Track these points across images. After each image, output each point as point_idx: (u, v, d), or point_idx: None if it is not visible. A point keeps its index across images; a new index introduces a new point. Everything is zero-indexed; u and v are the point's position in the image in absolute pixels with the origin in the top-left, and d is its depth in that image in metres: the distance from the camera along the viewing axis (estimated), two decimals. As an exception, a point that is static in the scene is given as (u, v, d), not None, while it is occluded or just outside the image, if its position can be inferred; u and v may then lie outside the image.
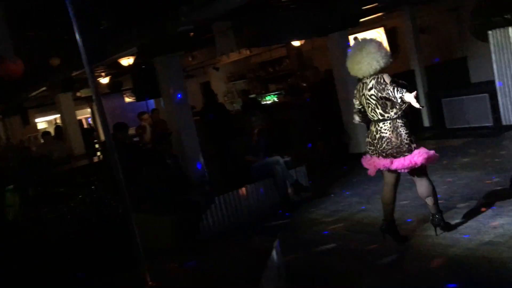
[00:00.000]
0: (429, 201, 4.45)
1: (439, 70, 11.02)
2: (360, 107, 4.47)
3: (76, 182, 7.25)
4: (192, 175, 6.81)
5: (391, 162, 4.24)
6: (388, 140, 4.21)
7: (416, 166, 4.22)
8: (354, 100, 4.52)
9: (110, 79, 13.37)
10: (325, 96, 9.57)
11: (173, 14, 6.37)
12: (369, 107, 4.31)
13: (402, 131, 4.20)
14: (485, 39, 9.30)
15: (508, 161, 6.56)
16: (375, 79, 4.19)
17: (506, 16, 9.02)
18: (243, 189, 6.29)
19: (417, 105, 3.81)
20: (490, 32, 8.85)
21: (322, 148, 9.81)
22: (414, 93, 3.82)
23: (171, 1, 6.30)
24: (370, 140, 4.35)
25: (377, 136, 4.27)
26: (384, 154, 4.26)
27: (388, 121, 4.22)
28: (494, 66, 8.81)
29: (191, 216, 5.69)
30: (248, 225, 6.10)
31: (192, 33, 7.41)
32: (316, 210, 6.22)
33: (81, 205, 5.83)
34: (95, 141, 13.99)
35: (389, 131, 4.20)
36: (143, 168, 6.38)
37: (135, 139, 9.93)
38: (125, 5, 6.27)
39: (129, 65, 9.35)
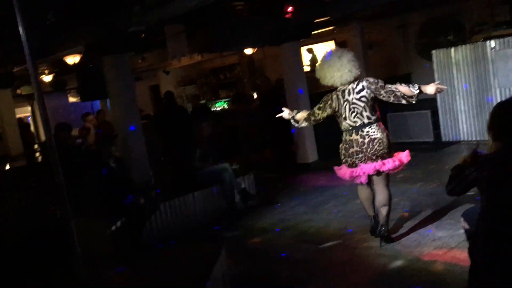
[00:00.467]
0: (384, 210, 4.55)
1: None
2: (320, 116, 4.58)
3: (12, 184, 6.86)
4: (137, 179, 6.62)
5: (383, 164, 4.38)
6: (380, 141, 4.35)
7: (401, 167, 4.52)
8: (317, 110, 4.61)
9: (54, 77, 12.83)
10: (275, 105, 9.62)
11: (125, 13, 6.20)
12: (353, 112, 4.38)
13: (386, 132, 4.46)
14: (429, 58, 9.71)
15: (447, 175, 6.82)
16: (364, 82, 4.39)
17: (448, 38, 9.48)
18: (189, 195, 6.19)
19: (443, 87, 4.55)
20: (433, 51, 9.23)
21: (271, 157, 9.85)
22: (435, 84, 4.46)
23: (123, 0, 6.13)
24: (358, 148, 4.39)
25: (366, 140, 4.36)
26: (374, 157, 4.36)
27: (375, 124, 4.39)
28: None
29: (134, 221, 5.51)
30: (194, 232, 6.00)
31: (143, 34, 7.25)
32: (262, 218, 6.20)
33: (16, 208, 5.51)
34: (35, 142, 13.37)
35: (379, 132, 4.37)
36: (85, 171, 6.13)
37: (78, 140, 9.56)
38: (74, 1, 6.04)
39: (75, 64, 9.02)
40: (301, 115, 4.76)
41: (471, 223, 2.96)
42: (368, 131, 4.36)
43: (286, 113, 4.82)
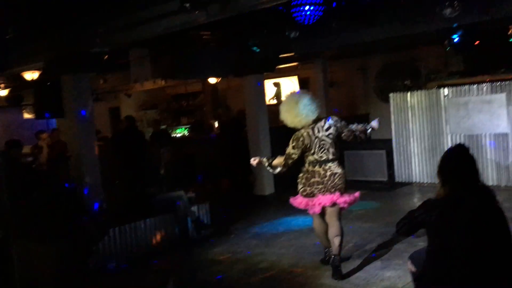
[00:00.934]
0: (337, 240, 4.73)
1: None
2: (296, 156, 4.71)
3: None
4: (88, 202, 6.43)
5: (338, 196, 4.69)
6: (340, 176, 4.73)
7: (354, 203, 4.89)
8: (292, 150, 4.72)
9: (10, 92, 12.45)
10: (235, 135, 9.67)
11: (89, 33, 6.14)
12: (322, 148, 4.69)
13: (344, 170, 4.88)
14: (387, 100, 10.04)
15: (398, 216, 6.97)
16: (331, 120, 4.78)
17: (405, 82, 9.87)
18: (141, 222, 6.05)
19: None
20: (391, 94, 9.57)
21: (228, 187, 9.80)
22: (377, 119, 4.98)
23: (88, 20, 6.07)
24: (319, 179, 4.67)
25: (328, 173, 4.68)
26: (333, 189, 4.68)
27: (336, 160, 4.76)
28: (393, 125, 9.49)
29: (81, 246, 5.32)
30: (143, 260, 5.83)
31: (106, 56, 7.18)
32: (214, 249, 6.12)
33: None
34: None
35: (340, 168, 4.77)
36: (34, 191, 5.92)
37: (29, 158, 9.24)
38: (37, 16, 5.94)
39: (33, 80, 8.80)
40: (278, 161, 4.86)
41: (418, 266, 3.02)
42: (330, 166, 4.70)
43: (256, 161, 4.95)
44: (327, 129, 4.70)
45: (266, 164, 4.92)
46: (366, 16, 6.75)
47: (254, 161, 4.96)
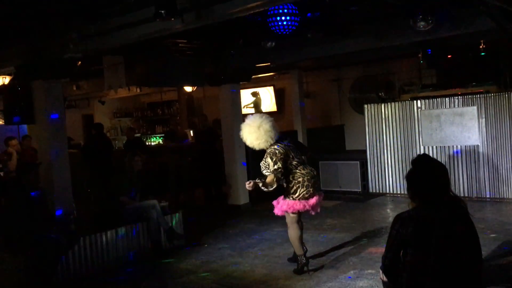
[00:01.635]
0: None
1: (319, 133, 11.74)
2: (282, 167, 4.92)
3: None
4: (57, 211, 6.27)
5: (318, 197, 5.16)
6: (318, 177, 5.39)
7: None
8: (276, 165, 4.89)
9: (-20, 97, 12.13)
10: (210, 144, 9.62)
11: (61, 39, 6.03)
12: (295, 152, 5.12)
13: None
14: (361, 111, 10.16)
15: (371, 227, 7.03)
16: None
17: (380, 94, 10.00)
18: (113, 231, 5.93)
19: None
20: (365, 105, 9.68)
21: (201, 197, 9.73)
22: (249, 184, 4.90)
23: (61, 25, 5.97)
24: (314, 178, 5.12)
25: (314, 173, 5.17)
26: (318, 188, 5.27)
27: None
28: (367, 137, 9.59)
29: (49, 256, 5.17)
30: (114, 270, 5.71)
31: (80, 62, 7.06)
32: (187, 259, 6.03)
33: None
34: None
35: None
36: (1, 199, 5.75)
37: (-2, 165, 9.00)
38: (8, 21, 5.80)
39: (3, 85, 8.59)
40: (269, 179, 4.94)
41: (389, 276, 3.01)
42: (309, 166, 5.18)
43: (251, 184, 4.94)
44: (288, 143, 5.14)
45: (261, 184, 4.94)
46: (340, 29, 6.83)
47: (249, 184, 4.94)
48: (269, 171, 4.92)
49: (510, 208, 7.61)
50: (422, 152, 8.87)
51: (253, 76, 10.12)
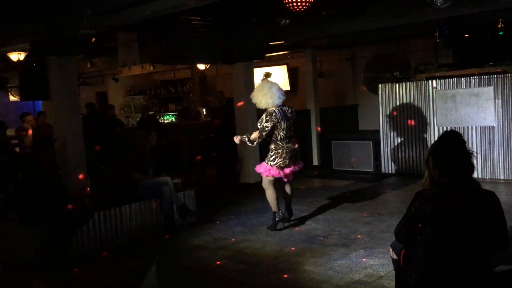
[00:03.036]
0: (290, 198, 6.28)
1: (332, 113, 11.66)
2: (268, 130, 5.75)
3: None
4: (73, 187, 6.37)
5: (295, 166, 6.01)
6: (298, 150, 6.02)
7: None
8: (267, 124, 5.74)
9: (-5, 73, 12.26)
10: (224, 123, 9.61)
11: (75, 15, 6.03)
12: (288, 126, 5.84)
13: None
14: (375, 91, 10.06)
15: (383, 206, 7.04)
16: (291, 109, 5.98)
17: (394, 73, 9.87)
18: (126, 207, 6.02)
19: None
20: (380, 85, 9.59)
21: (214, 175, 9.78)
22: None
23: (75, 1, 5.97)
24: (292, 152, 5.88)
25: (294, 147, 5.90)
26: (297, 160, 6.04)
27: (295, 137, 6.00)
28: (380, 116, 9.52)
29: (65, 231, 5.27)
30: (128, 245, 5.81)
31: (94, 39, 7.07)
32: (199, 236, 6.11)
33: None
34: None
35: (298, 144, 6.01)
36: (18, 173, 5.84)
37: (14, 141, 9.12)
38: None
39: (19, 61, 8.65)
40: (254, 135, 5.96)
41: (399, 254, 3.03)
42: (294, 141, 5.93)
43: (238, 139, 6.11)
44: (290, 113, 5.90)
45: (246, 139, 5.97)
46: (356, 6, 6.73)
47: (236, 138, 6.07)
48: (258, 126, 5.81)
49: (524, 190, 7.55)
50: (436, 132, 8.80)
51: (267, 55, 10.04)
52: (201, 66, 11.43)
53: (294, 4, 5.55)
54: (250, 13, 7.46)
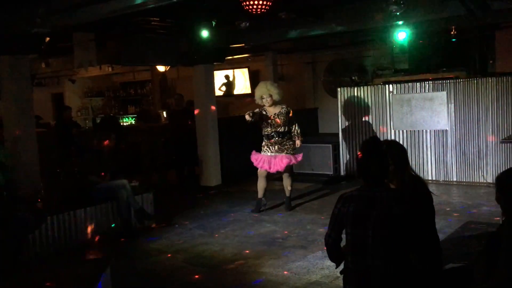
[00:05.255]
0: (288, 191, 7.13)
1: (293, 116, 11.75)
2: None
3: None
4: (25, 190, 6.15)
5: (281, 160, 6.84)
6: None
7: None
8: (260, 111, 6.96)
9: None
10: (184, 125, 9.53)
11: (29, 13, 5.84)
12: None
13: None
14: (335, 95, 10.21)
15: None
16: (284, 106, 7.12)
17: (353, 78, 10.06)
18: (81, 210, 5.86)
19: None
20: (339, 89, 9.74)
21: (174, 178, 9.68)
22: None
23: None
24: (278, 147, 6.89)
25: (278, 141, 6.90)
26: (286, 153, 6.98)
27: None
28: (340, 120, 9.67)
29: (15, 236, 5.07)
30: (82, 250, 5.66)
31: (48, 38, 6.87)
32: (157, 239, 6.02)
33: None
34: None
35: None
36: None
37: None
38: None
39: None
40: (255, 110, 6.91)
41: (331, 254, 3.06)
42: (282, 139, 6.92)
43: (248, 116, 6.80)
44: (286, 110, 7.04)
45: (252, 114, 6.76)
46: (313, 11, 6.82)
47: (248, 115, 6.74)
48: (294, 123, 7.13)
49: (475, 191, 7.83)
50: (392, 136, 9.01)
51: (228, 58, 10.04)
52: (161, 68, 11.30)
53: (253, 6, 5.57)
54: (211, 15, 7.43)
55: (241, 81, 13.39)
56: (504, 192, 2.45)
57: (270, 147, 6.85)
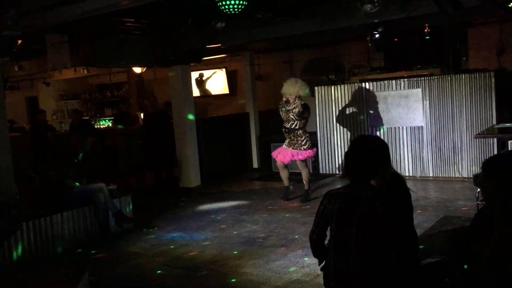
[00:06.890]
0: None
1: (271, 115, 11.75)
2: None
3: None
4: (-1, 196, 6.00)
5: (291, 153, 7.49)
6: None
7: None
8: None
9: None
10: (161, 127, 9.45)
11: (-1, 15, 5.71)
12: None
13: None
14: (312, 94, 10.24)
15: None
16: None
17: (330, 76, 10.12)
18: (58, 215, 5.76)
19: None
20: (316, 88, 9.79)
21: (152, 180, 9.59)
22: None
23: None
24: (288, 141, 7.60)
25: (290, 137, 7.59)
26: (295, 148, 7.53)
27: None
28: (317, 118, 9.72)
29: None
30: (59, 255, 5.57)
31: (20, 40, 6.73)
32: (136, 243, 5.96)
33: None
34: None
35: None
36: None
37: None
38: None
39: None
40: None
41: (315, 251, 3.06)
42: (293, 133, 7.54)
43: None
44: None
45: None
46: (289, 10, 6.84)
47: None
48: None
49: (451, 186, 7.96)
50: (369, 133, 9.10)
51: (205, 58, 9.99)
52: (137, 70, 11.18)
53: (228, 6, 5.54)
54: (186, 15, 7.38)
55: (219, 82, 13.35)
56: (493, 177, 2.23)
57: (285, 140, 7.58)
